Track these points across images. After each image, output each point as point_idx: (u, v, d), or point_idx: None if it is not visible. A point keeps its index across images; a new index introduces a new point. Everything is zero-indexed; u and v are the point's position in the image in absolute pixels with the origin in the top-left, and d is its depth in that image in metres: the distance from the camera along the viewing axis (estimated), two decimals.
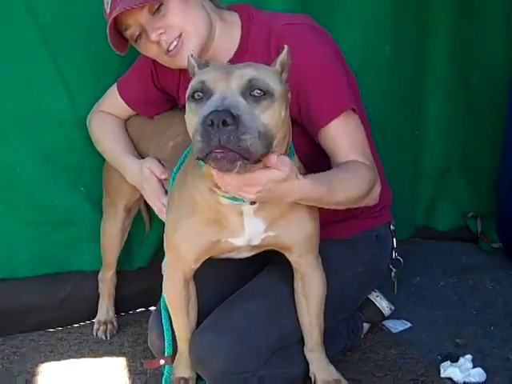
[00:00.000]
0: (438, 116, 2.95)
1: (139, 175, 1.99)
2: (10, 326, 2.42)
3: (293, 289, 1.94)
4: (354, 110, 1.85)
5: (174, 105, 2.19)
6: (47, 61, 2.32)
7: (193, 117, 1.50)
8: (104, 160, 2.27)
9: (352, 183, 1.74)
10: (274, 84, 1.51)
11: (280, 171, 1.49)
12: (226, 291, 2.02)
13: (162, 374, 1.93)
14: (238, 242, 1.74)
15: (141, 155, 2.13)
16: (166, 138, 2.05)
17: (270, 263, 2.05)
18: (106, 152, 2.17)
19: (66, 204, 2.43)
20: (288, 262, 1.90)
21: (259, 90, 1.47)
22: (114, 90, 2.20)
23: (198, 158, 1.47)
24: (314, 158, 1.91)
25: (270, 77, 1.52)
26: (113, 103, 2.21)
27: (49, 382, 2.09)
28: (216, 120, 1.37)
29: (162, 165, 1.97)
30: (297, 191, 1.59)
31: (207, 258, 1.81)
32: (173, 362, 1.94)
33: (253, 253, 1.88)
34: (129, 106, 2.18)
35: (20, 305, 2.42)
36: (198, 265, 1.82)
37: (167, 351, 1.94)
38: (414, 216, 3.03)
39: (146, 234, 2.53)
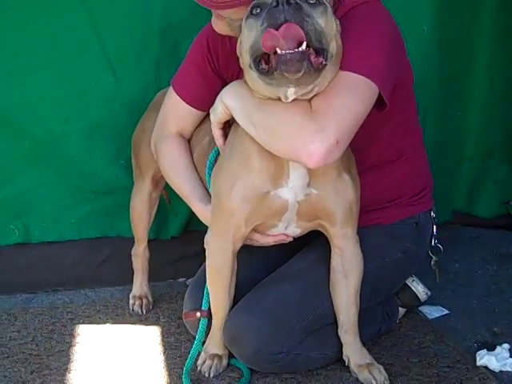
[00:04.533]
0: (483, 98, 2.89)
1: (207, 217, 1.95)
2: (51, 283, 2.61)
3: (329, 271, 1.93)
4: (375, 87, 1.71)
5: None
6: (94, 42, 2.48)
7: (251, 32, 1.58)
8: None
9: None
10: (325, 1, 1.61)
11: None
12: (263, 273, 2.02)
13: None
14: (285, 193, 1.76)
15: None
16: (203, 132, 2.06)
17: (306, 246, 2.05)
18: (174, 187, 2.12)
19: (107, 175, 2.59)
20: (325, 244, 1.91)
21: None
22: (172, 97, 2.10)
23: (259, 69, 1.57)
24: (365, 142, 1.91)
25: None
26: (176, 113, 2.11)
27: (84, 354, 2.12)
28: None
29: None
30: None
31: (257, 223, 1.82)
32: (208, 315, 1.97)
33: (298, 231, 1.88)
34: (192, 106, 2.08)
35: (64, 265, 2.63)
36: (248, 230, 1.83)
37: (204, 305, 1.98)
38: (453, 200, 2.99)
39: (169, 207, 2.60)
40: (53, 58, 2.45)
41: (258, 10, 1.59)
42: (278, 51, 1.51)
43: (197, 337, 1.99)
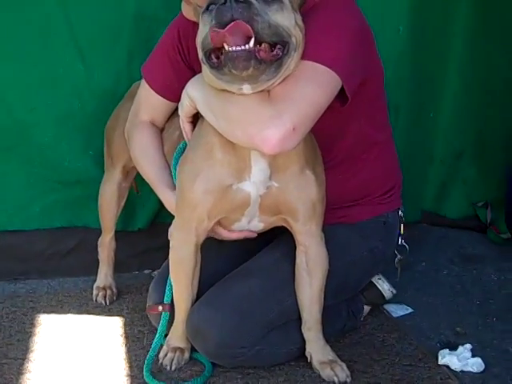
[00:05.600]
0: (455, 99, 2.90)
1: (173, 205, 1.93)
2: (14, 272, 2.58)
3: (294, 268, 1.93)
4: (338, 79, 1.69)
5: None
6: (64, 29, 2.45)
7: (205, 27, 1.59)
8: None
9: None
10: None
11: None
12: (228, 267, 2.01)
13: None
14: (247, 187, 1.75)
15: None
16: (173, 126, 2.05)
17: (273, 242, 2.04)
18: (143, 174, 2.10)
19: (75, 166, 2.56)
20: (291, 240, 1.90)
21: None
22: (144, 86, 2.10)
23: (209, 63, 1.57)
24: (333, 138, 1.91)
25: None
26: (147, 102, 2.10)
27: (44, 344, 2.09)
28: None
29: None
30: None
31: (219, 216, 1.82)
32: (170, 310, 1.96)
33: (261, 225, 1.88)
34: (163, 96, 2.07)
35: (28, 254, 2.59)
36: (210, 223, 1.83)
37: (166, 299, 1.97)
38: (422, 200, 3.01)
39: (137, 197, 2.58)
40: (21, 45, 2.41)
41: (214, 7, 1.56)
42: (226, 48, 1.51)
43: (158, 330, 1.98)
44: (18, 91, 2.44)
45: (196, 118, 1.86)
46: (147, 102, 2.10)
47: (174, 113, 2.08)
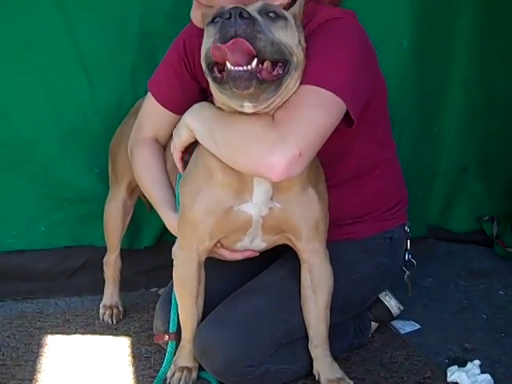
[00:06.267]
0: (459, 114, 2.90)
1: (174, 226, 1.92)
2: (23, 291, 2.57)
3: (300, 285, 1.92)
4: (345, 104, 1.68)
5: None
6: (69, 46, 2.44)
7: (209, 39, 1.59)
8: None
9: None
10: (287, 14, 1.62)
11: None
12: (233, 286, 2.01)
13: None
14: (249, 208, 1.74)
15: None
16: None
17: (278, 259, 2.04)
18: (145, 192, 2.09)
19: (80, 184, 2.54)
20: (296, 258, 1.90)
21: (274, 13, 1.58)
22: (149, 100, 2.08)
23: (211, 76, 1.57)
24: (337, 158, 1.91)
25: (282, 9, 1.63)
26: (152, 116, 2.08)
27: (52, 365, 2.09)
28: (234, 12, 1.47)
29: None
30: None
31: (221, 236, 1.81)
32: (176, 338, 1.96)
33: (263, 245, 1.87)
34: (168, 109, 2.04)
35: (34, 273, 2.57)
36: (212, 243, 1.82)
37: (172, 328, 1.96)
38: (427, 214, 3.00)
39: (148, 213, 2.55)
40: (27, 63, 2.41)
41: (219, 19, 1.57)
42: (228, 66, 1.51)
43: (165, 360, 1.97)
44: (23, 109, 2.44)
45: (187, 149, 1.86)
46: (152, 116, 2.08)
47: None
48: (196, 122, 1.75)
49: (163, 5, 2.48)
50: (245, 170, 1.67)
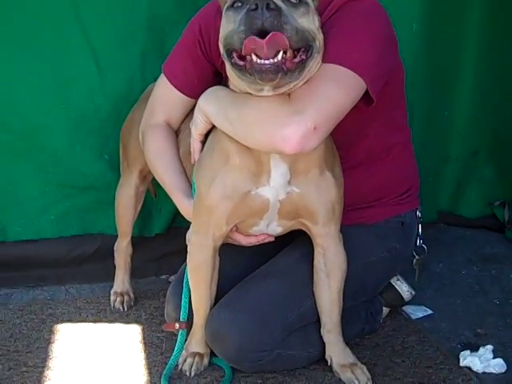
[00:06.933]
0: (470, 98, 2.88)
1: (189, 212, 1.91)
2: (34, 278, 2.56)
3: (312, 269, 1.92)
4: (362, 81, 1.68)
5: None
6: (78, 33, 2.42)
7: (229, 24, 1.57)
8: None
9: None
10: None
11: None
12: (246, 270, 2.00)
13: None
14: (266, 192, 1.73)
15: None
16: (189, 129, 1.97)
17: (291, 243, 2.03)
18: (158, 178, 2.07)
19: (90, 171, 2.53)
20: (308, 242, 1.89)
21: None
22: (162, 83, 2.05)
23: (230, 62, 1.56)
24: (352, 139, 1.91)
25: None
26: (165, 99, 2.05)
27: (63, 352, 2.09)
28: (260, 3, 1.45)
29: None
30: None
31: (237, 221, 1.80)
32: (187, 327, 1.95)
33: (280, 229, 1.86)
34: (182, 92, 2.02)
35: (45, 261, 2.55)
36: (228, 228, 1.81)
37: (182, 317, 1.95)
38: (438, 199, 2.99)
39: (155, 200, 2.56)
40: (34, 48, 2.39)
41: (239, 4, 1.56)
42: (254, 58, 1.50)
43: (176, 347, 1.96)
44: (31, 95, 2.42)
45: (206, 138, 1.85)
46: (165, 99, 2.06)
47: (190, 114, 2.04)
48: (210, 104, 1.75)
49: None
50: (260, 144, 1.65)
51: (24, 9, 2.36)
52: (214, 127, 1.79)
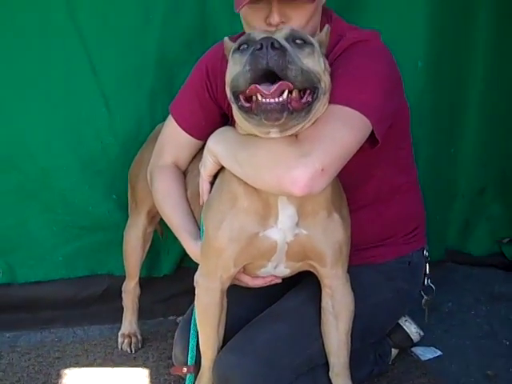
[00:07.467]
0: (476, 135, 2.89)
1: (196, 253, 1.92)
2: (41, 320, 2.55)
3: (320, 310, 1.91)
4: (369, 123, 1.69)
5: None
6: (89, 74, 2.46)
7: (235, 66, 1.59)
8: None
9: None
10: (314, 41, 1.63)
11: None
12: (254, 311, 1.99)
13: None
14: (274, 234, 1.73)
15: None
16: (197, 170, 1.99)
17: (298, 284, 2.03)
18: (166, 219, 2.07)
19: (98, 211, 2.54)
20: (315, 283, 1.89)
21: (300, 39, 1.59)
22: (170, 124, 2.08)
23: (237, 105, 1.57)
24: (359, 181, 1.92)
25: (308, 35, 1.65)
26: (173, 140, 2.07)
27: None
28: (265, 42, 1.47)
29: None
30: None
31: (245, 263, 1.80)
32: (195, 371, 1.93)
33: (287, 271, 1.86)
34: (189, 133, 2.04)
35: (53, 303, 2.55)
36: (236, 270, 1.81)
37: (190, 360, 1.93)
38: (445, 237, 2.97)
39: (162, 241, 2.57)
40: (45, 89, 2.42)
41: (246, 47, 1.59)
42: (259, 98, 1.51)
43: None
44: (41, 135, 2.44)
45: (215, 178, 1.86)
46: (172, 140, 2.08)
47: (197, 155, 2.07)
48: (219, 145, 1.76)
49: (181, 32, 2.50)
50: (269, 186, 1.66)
51: (35, 50, 2.40)
52: (222, 168, 1.81)
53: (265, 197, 1.71)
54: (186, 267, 2.52)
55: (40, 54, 2.40)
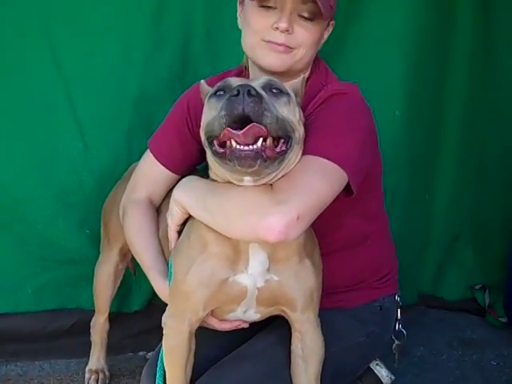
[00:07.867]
0: (450, 182, 2.93)
1: (165, 293, 1.90)
2: (7, 353, 2.54)
3: (290, 353, 1.89)
4: (345, 175, 1.69)
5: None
6: (66, 108, 2.47)
7: (211, 111, 1.59)
8: None
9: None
10: (290, 91, 1.65)
11: None
12: (223, 351, 1.97)
13: None
14: (244, 279, 1.71)
15: None
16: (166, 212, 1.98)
17: (268, 326, 2.01)
18: (136, 255, 2.06)
19: (70, 245, 2.53)
20: (286, 325, 1.87)
21: (277, 89, 1.61)
22: (147, 158, 2.07)
23: (211, 150, 1.57)
24: (329, 228, 1.91)
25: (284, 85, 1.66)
26: (149, 174, 2.07)
27: None
28: (242, 89, 1.47)
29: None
30: None
31: (214, 307, 1.78)
32: None
33: (257, 316, 1.85)
34: (166, 167, 2.04)
35: (19, 336, 2.54)
36: (205, 313, 1.78)
37: None
38: (419, 282, 3.00)
39: (134, 278, 2.55)
40: (22, 122, 2.43)
41: (222, 93, 1.59)
42: (233, 144, 1.51)
43: None
44: (15, 168, 2.44)
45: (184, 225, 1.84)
46: (148, 174, 2.07)
47: (170, 193, 2.03)
48: (187, 195, 1.74)
49: (161, 71, 2.52)
50: (242, 235, 1.64)
51: (14, 83, 2.41)
52: (191, 217, 1.80)
53: (235, 242, 1.68)
54: (157, 304, 2.47)
55: (19, 87, 2.41)
